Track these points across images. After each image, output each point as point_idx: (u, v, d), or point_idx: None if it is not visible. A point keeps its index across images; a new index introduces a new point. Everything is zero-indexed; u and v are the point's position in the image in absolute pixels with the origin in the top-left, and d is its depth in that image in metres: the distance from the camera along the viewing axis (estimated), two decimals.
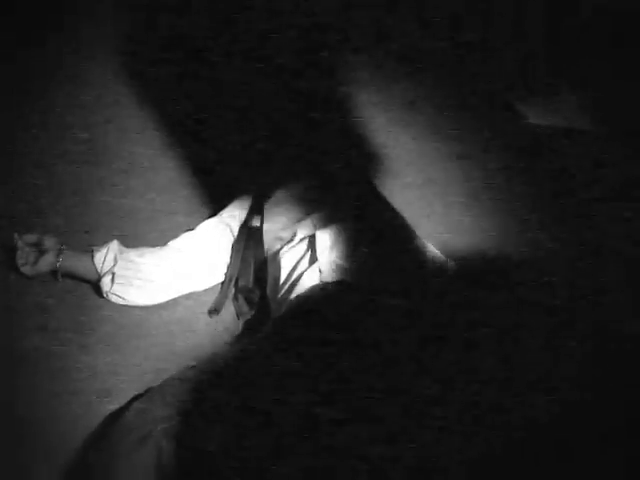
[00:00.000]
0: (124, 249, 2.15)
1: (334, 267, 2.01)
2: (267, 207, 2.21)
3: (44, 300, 2.11)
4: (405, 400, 1.81)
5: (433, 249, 2.04)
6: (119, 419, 1.75)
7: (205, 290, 2.20)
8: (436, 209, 1.97)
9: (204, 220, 2.26)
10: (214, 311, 2.16)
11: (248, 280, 2.18)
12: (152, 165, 2.51)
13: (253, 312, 2.18)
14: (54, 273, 2.11)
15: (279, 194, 2.23)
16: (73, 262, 2.12)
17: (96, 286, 2.13)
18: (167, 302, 2.16)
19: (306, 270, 2.03)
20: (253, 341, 1.92)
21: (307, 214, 2.15)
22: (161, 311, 2.14)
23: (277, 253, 2.13)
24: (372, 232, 2.13)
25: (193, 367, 1.88)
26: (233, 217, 2.24)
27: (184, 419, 1.72)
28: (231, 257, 2.20)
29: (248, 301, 2.18)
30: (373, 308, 1.92)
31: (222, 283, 2.20)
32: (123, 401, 1.87)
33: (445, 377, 1.82)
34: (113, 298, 2.12)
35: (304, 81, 2.33)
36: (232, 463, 1.73)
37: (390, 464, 1.69)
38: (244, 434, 1.75)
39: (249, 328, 2.11)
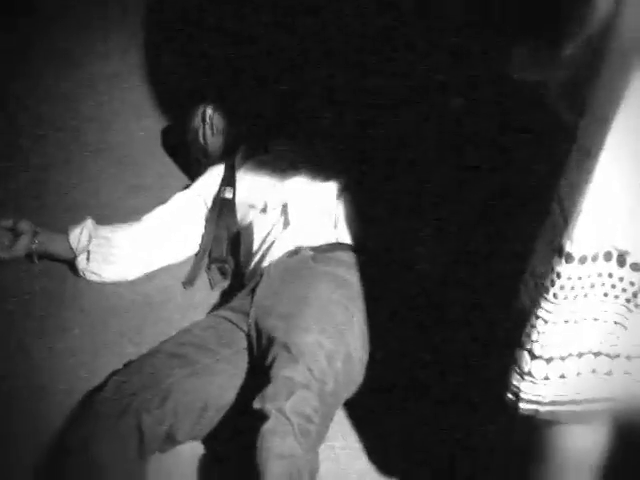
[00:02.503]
0: (98, 227, 2.16)
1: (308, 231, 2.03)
2: (239, 177, 2.21)
3: (21, 282, 2.13)
4: None
5: None
6: (98, 394, 1.76)
7: (180, 263, 2.21)
8: None
9: (177, 193, 2.27)
10: (188, 283, 2.17)
11: (221, 250, 2.18)
12: (122, 141, 2.52)
13: (227, 282, 2.19)
14: (30, 255, 2.13)
15: (251, 163, 2.24)
16: (48, 243, 2.14)
17: (72, 265, 2.15)
18: (142, 276, 2.17)
19: (279, 236, 2.03)
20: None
21: (280, 181, 2.16)
22: (137, 286, 2.15)
23: (250, 222, 2.14)
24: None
25: (170, 339, 1.90)
26: (206, 188, 2.24)
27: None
28: (205, 228, 2.21)
29: (222, 271, 2.19)
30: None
31: (196, 255, 2.21)
32: (104, 376, 1.88)
33: None
34: (89, 276, 2.14)
35: None
36: None
37: None
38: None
39: (225, 297, 2.12)
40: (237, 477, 1.65)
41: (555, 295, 1.25)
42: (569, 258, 1.22)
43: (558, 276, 1.23)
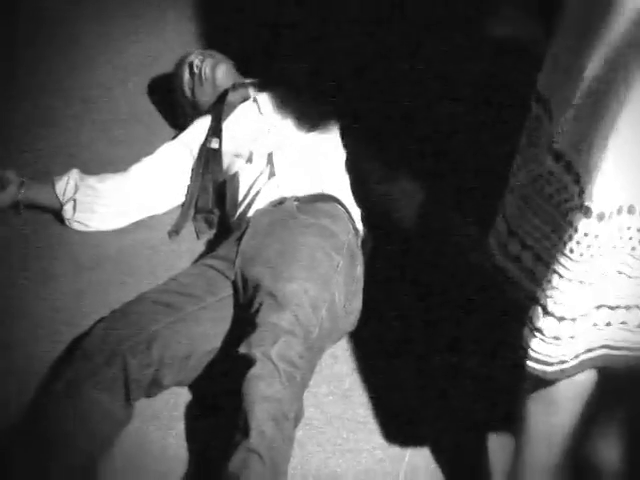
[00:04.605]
0: (84, 176, 2.17)
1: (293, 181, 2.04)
2: (225, 126, 2.22)
3: (6, 231, 2.14)
4: None
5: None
6: (84, 342, 1.77)
7: (166, 212, 2.22)
8: None
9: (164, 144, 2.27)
10: (174, 232, 2.17)
11: (207, 200, 2.19)
12: (110, 95, 2.52)
13: (213, 231, 2.20)
14: (16, 206, 2.14)
15: (237, 112, 2.24)
16: (35, 193, 2.14)
17: (58, 215, 2.15)
18: (128, 226, 2.17)
19: (264, 186, 2.04)
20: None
21: (266, 130, 2.17)
22: (123, 235, 2.16)
23: (236, 172, 2.14)
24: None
25: (156, 287, 1.91)
26: (192, 139, 2.24)
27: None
28: (191, 179, 2.21)
29: (207, 221, 2.19)
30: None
31: (182, 205, 2.22)
32: (88, 325, 1.89)
33: None
34: (75, 225, 2.15)
35: None
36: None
37: None
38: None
39: (210, 247, 2.12)
40: (223, 422, 1.67)
41: (572, 250, 1.24)
42: (588, 213, 1.21)
43: (576, 230, 1.23)
